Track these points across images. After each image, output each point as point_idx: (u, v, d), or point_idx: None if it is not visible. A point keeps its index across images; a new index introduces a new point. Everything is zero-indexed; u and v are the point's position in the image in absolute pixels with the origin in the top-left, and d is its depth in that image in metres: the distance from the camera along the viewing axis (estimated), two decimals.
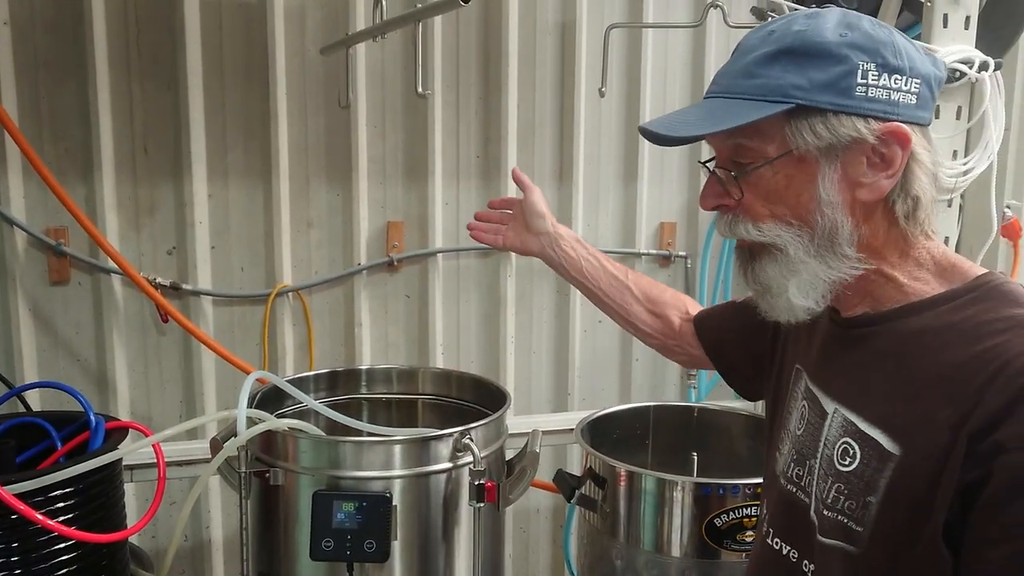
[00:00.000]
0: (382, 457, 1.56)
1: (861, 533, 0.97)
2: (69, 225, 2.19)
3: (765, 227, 0.99)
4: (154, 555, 1.91)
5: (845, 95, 0.93)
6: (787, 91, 0.94)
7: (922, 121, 0.98)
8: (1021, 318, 0.91)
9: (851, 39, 0.93)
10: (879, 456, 0.96)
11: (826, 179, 0.96)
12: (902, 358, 0.98)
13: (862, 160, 0.95)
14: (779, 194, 0.98)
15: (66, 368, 2.29)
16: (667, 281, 2.82)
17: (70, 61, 2.17)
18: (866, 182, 0.96)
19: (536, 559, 2.86)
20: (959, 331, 0.93)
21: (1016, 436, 0.85)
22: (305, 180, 2.44)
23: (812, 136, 0.94)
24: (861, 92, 0.93)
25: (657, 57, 2.70)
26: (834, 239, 0.97)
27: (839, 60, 0.93)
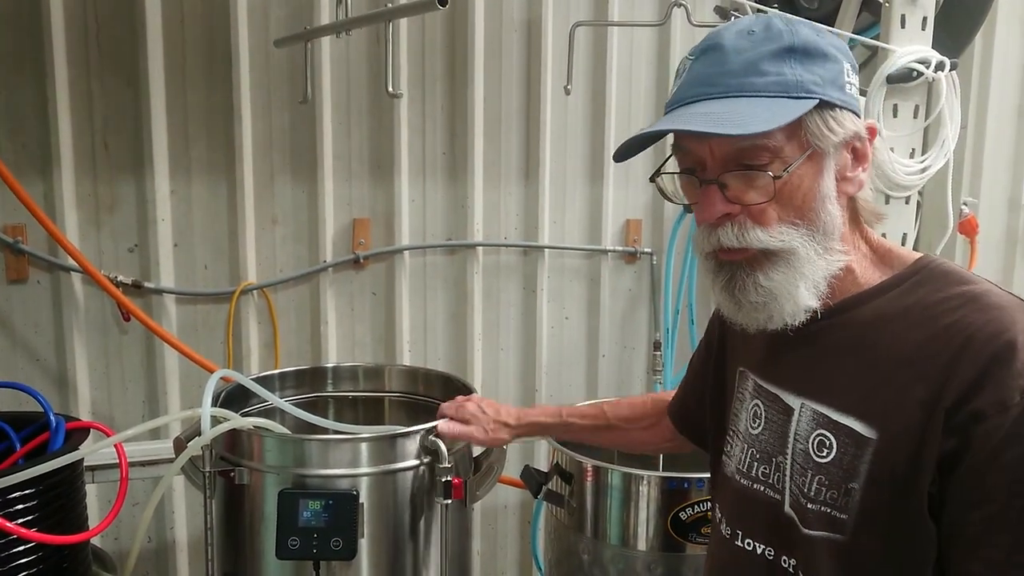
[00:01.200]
0: (348, 455, 1.55)
1: (846, 521, 0.99)
2: (27, 222, 2.15)
3: (777, 231, 0.97)
4: (117, 557, 1.89)
5: (844, 92, 0.97)
6: (809, 87, 0.94)
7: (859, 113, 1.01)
8: (969, 294, 0.96)
9: (829, 40, 0.97)
10: (856, 443, 0.99)
11: (828, 174, 0.98)
12: (863, 346, 1.01)
13: (848, 155, 0.99)
14: (792, 196, 0.97)
15: (25, 368, 2.25)
16: (633, 277, 2.85)
17: (27, 55, 2.13)
18: (851, 176, 0.99)
19: (504, 555, 2.87)
20: (914, 313, 0.98)
21: (993, 403, 0.89)
22: (269, 176, 2.41)
23: (829, 132, 0.95)
24: (850, 90, 0.97)
25: (622, 55, 2.72)
26: (830, 234, 0.99)
27: (833, 59, 0.96)
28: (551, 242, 2.72)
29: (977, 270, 2.66)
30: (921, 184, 2.05)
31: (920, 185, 2.05)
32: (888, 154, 1.95)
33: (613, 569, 1.80)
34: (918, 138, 2.02)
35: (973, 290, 0.97)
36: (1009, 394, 0.89)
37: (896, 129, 1.97)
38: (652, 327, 2.88)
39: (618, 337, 2.87)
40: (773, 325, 1.03)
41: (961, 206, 2.59)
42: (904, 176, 1.98)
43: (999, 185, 3.02)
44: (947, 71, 1.95)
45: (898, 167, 1.97)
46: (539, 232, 2.69)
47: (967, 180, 2.93)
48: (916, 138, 2.02)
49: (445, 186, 2.61)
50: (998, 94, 2.90)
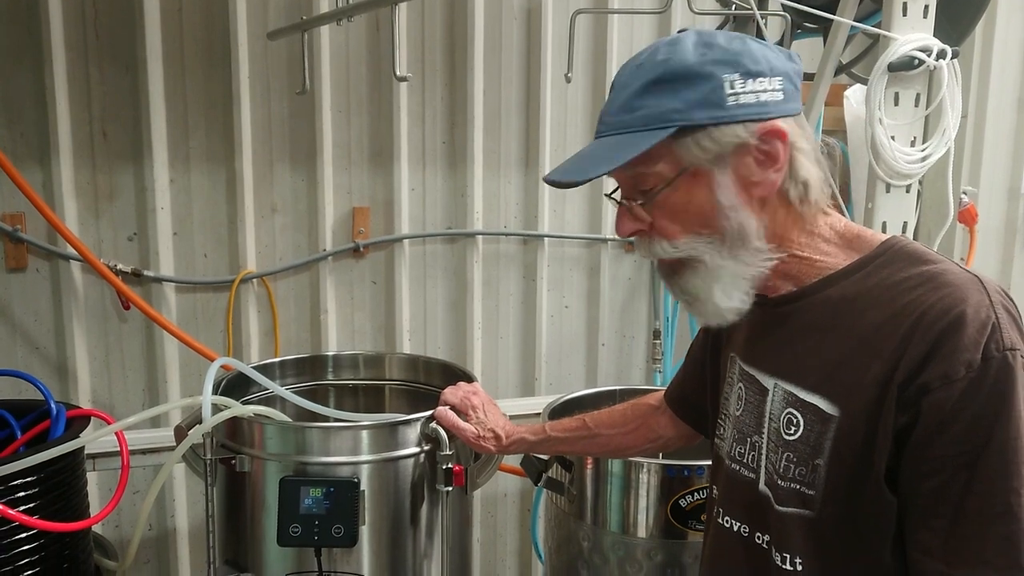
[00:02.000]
0: (349, 443, 1.55)
1: (814, 497, 1.04)
2: (26, 210, 2.15)
3: (680, 243, 1.05)
4: (118, 544, 1.90)
5: (719, 107, 1.00)
6: (667, 116, 1.00)
7: (793, 112, 1.04)
8: (928, 273, 1.00)
9: (711, 56, 1.00)
10: (821, 420, 1.03)
11: (722, 186, 1.03)
12: (827, 327, 1.05)
13: (750, 161, 1.02)
14: (684, 210, 1.04)
15: (25, 357, 2.25)
16: (633, 266, 2.85)
17: (25, 43, 2.12)
18: (758, 180, 1.03)
19: (504, 543, 2.88)
20: (875, 294, 1.01)
21: (938, 376, 0.93)
22: (269, 165, 2.41)
23: (699, 151, 1.01)
24: (732, 101, 1.00)
25: (623, 43, 2.70)
26: (744, 238, 1.04)
27: (706, 78, 1.00)
28: (551, 231, 2.72)
29: (976, 259, 2.68)
30: (922, 173, 2.04)
31: (921, 174, 2.04)
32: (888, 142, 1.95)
33: (613, 556, 1.80)
34: (919, 126, 2.02)
35: (931, 269, 1.00)
36: (955, 367, 0.92)
37: (897, 117, 1.96)
38: (652, 316, 2.88)
39: (618, 326, 2.88)
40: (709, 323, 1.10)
41: (961, 195, 2.59)
42: (905, 164, 1.97)
43: (999, 174, 3.02)
44: (948, 59, 1.94)
45: (899, 155, 1.97)
46: (539, 221, 2.69)
47: (967, 169, 2.93)
48: (917, 127, 2.01)
49: (445, 175, 2.60)
50: (998, 83, 2.90)
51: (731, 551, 1.17)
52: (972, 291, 0.96)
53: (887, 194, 2.00)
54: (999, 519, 0.92)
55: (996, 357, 0.92)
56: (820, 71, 2.12)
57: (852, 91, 2.63)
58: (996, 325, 0.94)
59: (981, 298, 0.96)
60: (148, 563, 2.45)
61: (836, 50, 2.08)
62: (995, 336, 0.93)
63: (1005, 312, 0.96)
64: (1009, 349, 0.93)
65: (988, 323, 0.94)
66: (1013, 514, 0.92)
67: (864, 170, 2.10)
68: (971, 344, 0.93)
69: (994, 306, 0.95)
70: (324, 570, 1.53)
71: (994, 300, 0.96)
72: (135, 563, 2.34)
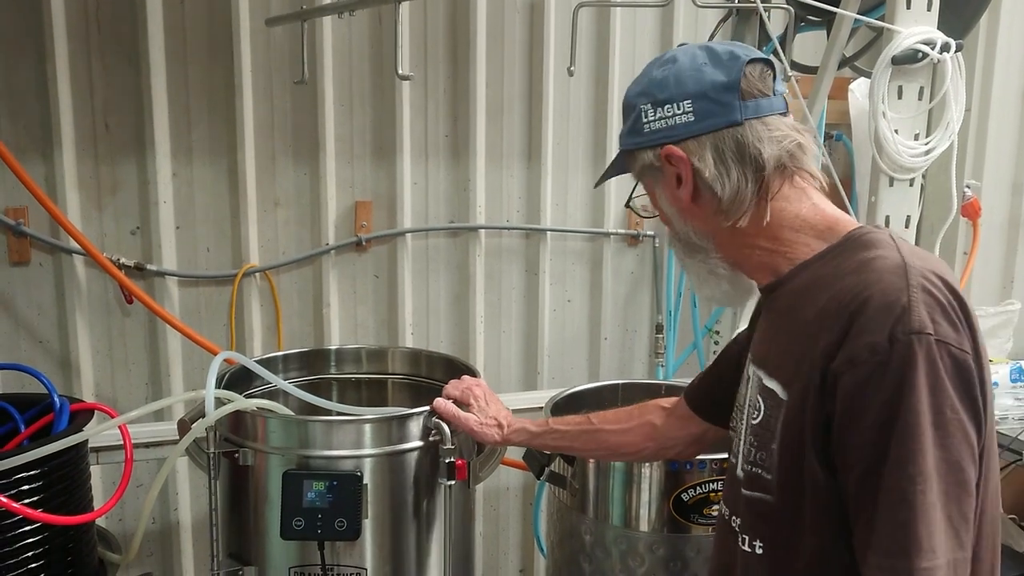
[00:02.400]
0: (352, 436, 1.55)
1: (771, 480, 1.07)
2: (29, 204, 2.15)
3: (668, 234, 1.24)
4: (122, 538, 1.90)
5: (639, 134, 1.16)
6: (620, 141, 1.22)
7: (710, 128, 1.10)
8: (863, 259, 1.02)
9: (639, 89, 1.16)
10: (776, 404, 1.06)
11: (661, 198, 1.18)
12: (789, 313, 1.10)
13: (673, 178, 1.14)
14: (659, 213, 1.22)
15: (28, 350, 2.25)
16: (635, 260, 2.85)
17: (27, 35, 2.12)
18: (679, 195, 1.14)
19: (506, 536, 2.89)
20: (823, 282, 1.05)
21: (845, 360, 0.95)
22: (271, 158, 2.41)
23: (634, 169, 1.20)
24: (647, 128, 1.14)
25: (625, 36, 2.70)
26: (690, 239, 1.18)
27: (633, 108, 1.16)
28: (553, 225, 2.71)
29: (980, 253, 2.67)
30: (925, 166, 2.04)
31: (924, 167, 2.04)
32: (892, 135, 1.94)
33: (615, 550, 1.80)
34: (922, 120, 2.01)
35: (869, 255, 1.03)
36: (859, 351, 0.94)
37: (900, 111, 1.96)
38: (654, 310, 2.88)
39: (620, 320, 2.88)
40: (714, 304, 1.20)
41: (964, 189, 2.58)
42: (908, 158, 1.97)
43: (1002, 168, 3.02)
44: (952, 53, 1.93)
45: (902, 149, 1.96)
46: (541, 215, 2.68)
47: (971, 163, 2.92)
48: (920, 120, 2.00)
49: (447, 168, 2.60)
50: (1002, 77, 2.89)
51: (720, 535, 1.23)
52: (888, 274, 0.98)
53: (890, 188, 1.99)
54: (897, 507, 0.92)
55: (901, 340, 0.92)
56: (823, 64, 2.11)
57: (857, 84, 2.63)
58: (906, 307, 0.94)
59: (895, 281, 0.96)
60: (152, 556, 2.46)
61: (839, 43, 2.08)
62: (903, 319, 0.93)
63: (926, 295, 0.95)
64: (916, 332, 0.92)
65: (897, 306, 0.94)
66: (907, 501, 0.92)
67: (868, 164, 2.09)
68: (875, 327, 0.94)
69: (910, 289, 0.95)
70: (327, 563, 1.53)
71: (912, 283, 0.96)
72: (139, 556, 2.34)
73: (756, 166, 1.09)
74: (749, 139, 1.08)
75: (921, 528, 0.91)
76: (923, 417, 0.91)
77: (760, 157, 1.08)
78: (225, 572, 1.61)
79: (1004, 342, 2.76)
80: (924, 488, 0.91)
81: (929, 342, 0.92)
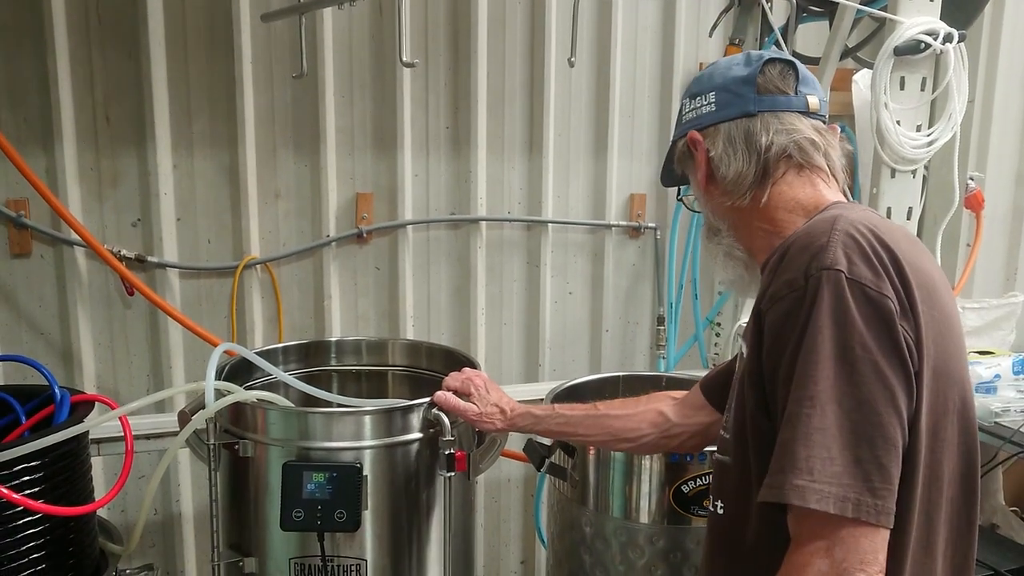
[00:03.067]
0: (352, 428, 1.56)
1: (728, 441, 1.12)
2: (30, 196, 2.15)
3: None
4: (124, 529, 1.90)
5: (678, 125, 1.31)
6: None
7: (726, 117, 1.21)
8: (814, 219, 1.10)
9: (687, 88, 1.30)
10: (740, 365, 1.12)
11: (692, 184, 1.29)
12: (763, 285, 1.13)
13: (694, 164, 1.26)
14: None
15: (30, 342, 2.26)
16: (637, 252, 2.85)
17: (27, 26, 2.11)
18: (698, 178, 1.25)
19: (507, 528, 2.89)
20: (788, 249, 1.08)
21: (769, 297, 1.03)
22: (272, 150, 2.41)
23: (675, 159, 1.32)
24: (683, 119, 1.30)
25: (627, 27, 2.69)
26: (709, 221, 1.28)
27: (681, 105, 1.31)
28: (555, 217, 2.71)
29: (982, 245, 2.66)
30: (927, 158, 2.03)
31: (926, 159, 2.03)
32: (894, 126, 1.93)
33: (615, 542, 1.81)
34: (925, 111, 2.01)
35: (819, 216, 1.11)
36: (779, 288, 1.01)
37: (903, 102, 1.95)
38: (656, 302, 2.88)
39: (622, 312, 2.87)
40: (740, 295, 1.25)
41: (967, 180, 2.57)
42: (910, 149, 1.97)
43: (1006, 159, 3.00)
44: (955, 43, 1.92)
45: (904, 140, 1.95)
46: (543, 207, 2.68)
47: (973, 154, 2.91)
48: (923, 111, 2.00)
49: (448, 160, 2.59)
50: (1006, 67, 2.87)
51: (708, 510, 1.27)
52: (820, 223, 1.05)
53: (892, 179, 1.99)
54: (784, 427, 0.95)
55: (814, 276, 0.98)
56: (826, 55, 2.11)
57: (861, 75, 2.61)
58: (823, 247, 0.99)
59: (822, 227, 1.03)
60: (153, 547, 2.46)
61: (842, 34, 2.07)
62: (818, 256, 0.99)
63: (846, 237, 1.00)
64: (827, 268, 0.97)
65: (815, 245, 1.00)
66: (791, 422, 0.94)
67: (870, 155, 2.09)
68: (794, 266, 1.00)
69: (834, 232, 1.00)
70: (327, 555, 1.54)
71: (838, 228, 1.01)
72: (140, 547, 2.35)
73: (759, 152, 1.17)
74: (758, 128, 1.18)
75: (800, 448, 0.93)
76: (823, 345, 0.94)
77: (761, 144, 1.17)
78: (225, 563, 1.62)
79: (1007, 334, 2.75)
80: (811, 412, 0.93)
81: (839, 277, 0.96)
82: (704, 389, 1.49)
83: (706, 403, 1.48)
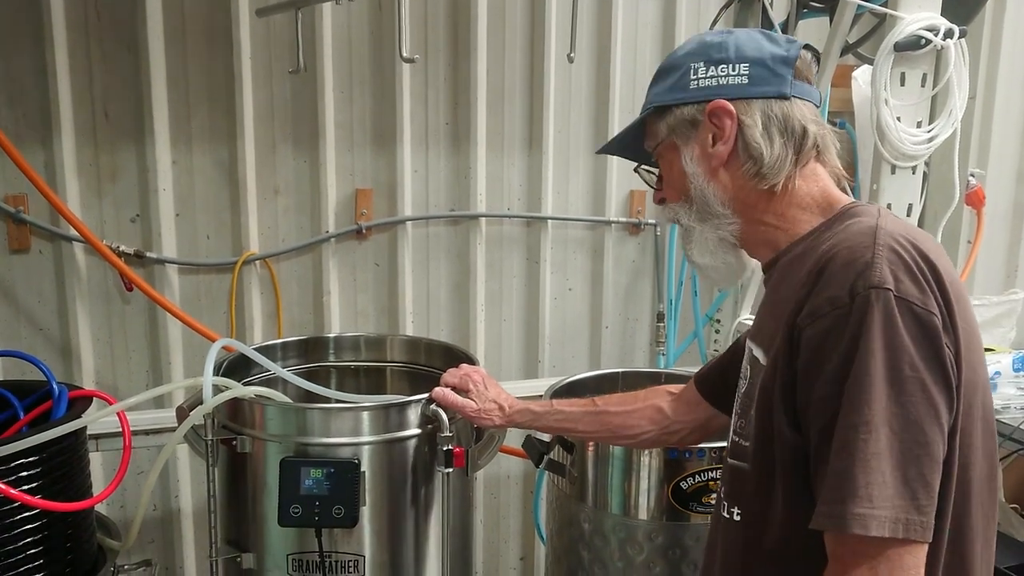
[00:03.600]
0: (350, 424, 1.55)
1: (747, 448, 1.09)
2: (28, 192, 2.15)
3: (672, 206, 1.24)
4: (122, 524, 1.90)
5: (683, 90, 1.19)
6: (651, 100, 1.23)
7: (760, 94, 1.14)
8: (847, 228, 1.06)
9: (688, 50, 1.20)
10: (756, 371, 1.09)
11: (688, 157, 1.19)
12: (778, 287, 1.12)
13: (706, 136, 1.16)
14: (669, 176, 1.24)
15: (28, 338, 2.26)
16: (637, 249, 2.84)
17: (26, 22, 2.11)
18: (712, 152, 1.16)
19: (506, 524, 2.89)
20: (811, 251, 1.06)
21: (808, 313, 0.98)
22: (271, 146, 2.40)
23: (666, 126, 1.20)
24: (694, 85, 1.18)
25: (627, 22, 2.68)
26: (707, 203, 1.18)
27: (679, 67, 1.20)
28: (554, 213, 2.70)
29: (983, 242, 2.65)
30: (928, 154, 2.03)
31: (927, 155, 2.03)
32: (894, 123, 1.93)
33: (614, 538, 1.80)
34: (925, 107, 2.00)
35: (849, 223, 1.07)
36: (821, 305, 0.97)
37: (903, 98, 1.94)
38: (655, 299, 2.87)
39: (621, 308, 2.87)
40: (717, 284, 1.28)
41: (968, 177, 2.57)
42: (910, 146, 1.96)
43: (1007, 156, 3.00)
44: (956, 39, 1.92)
45: (904, 136, 1.95)
46: (542, 203, 2.67)
47: (974, 151, 2.90)
48: (923, 107, 1.99)
49: (448, 156, 2.59)
50: (1008, 64, 2.87)
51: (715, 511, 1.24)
52: (859, 235, 1.01)
53: (892, 176, 1.99)
54: (838, 455, 0.93)
55: (860, 294, 0.94)
56: (826, 51, 2.10)
57: (860, 72, 2.60)
58: (868, 263, 0.96)
59: (863, 240, 0.99)
60: (152, 543, 2.47)
61: (842, 30, 2.06)
62: (864, 274, 0.95)
63: (891, 253, 0.97)
64: (875, 287, 0.94)
65: (860, 261, 0.96)
66: (848, 449, 0.92)
67: (870, 152, 2.08)
68: (837, 282, 0.96)
69: (876, 246, 0.97)
70: (325, 550, 1.53)
71: (880, 242, 0.98)
72: (139, 542, 2.35)
73: (796, 138, 1.13)
74: (795, 114, 1.13)
75: (859, 475, 0.91)
76: (875, 368, 0.92)
77: (798, 130, 1.13)
78: (223, 559, 1.62)
79: (1007, 331, 2.75)
80: (867, 438, 0.92)
81: (888, 297, 0.93)
82: (699, 385, 1.48)
83: (702, 399, 1.47)
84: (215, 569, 1.62)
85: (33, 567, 1.50)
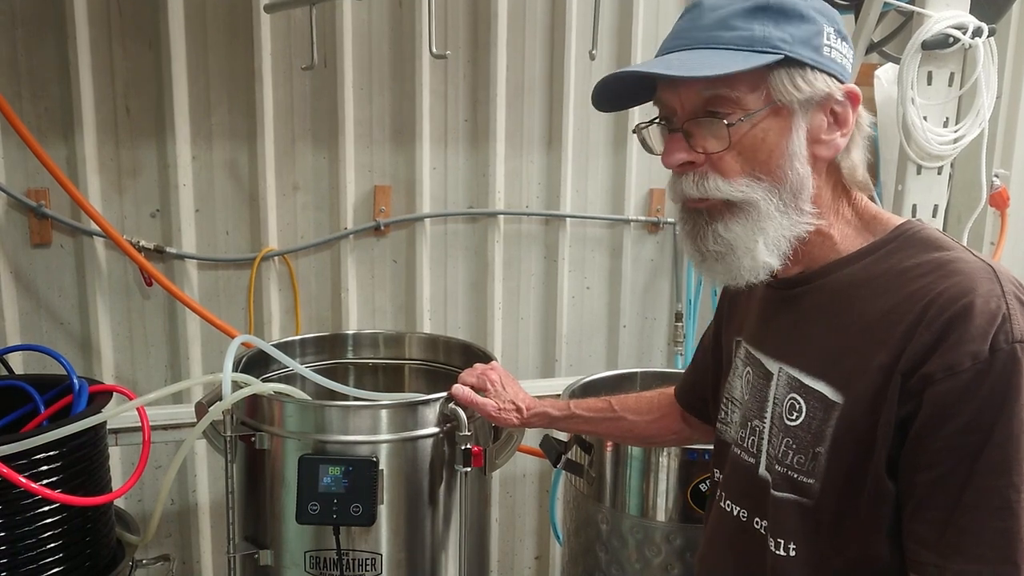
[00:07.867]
0: (368, 422, 1.55)
1: (812, 485, 1.02)
2: (50, 186, 2.16)
3: (738, 183, 0.99)
4: (140, 519, 1.91)
5: (818, 52, 0.98)
6: (774, 43, 0.96)
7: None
8: (939, 260, 0.97)
9: (813, 4, 0.99)
10: (824, 407, 1.01)
11: (797, 133, 0.99)
12: (835, 311, 1.03)
13: (823, 118, 1.00)
14: (755, 148, 0.99)
15: (49, 332, 2.27)
16: (655, 247, 2.82)
17: (49, 17, 2.12)
18: (826, 139, 1.00)
19: (522, 523, 2.88)
20: (885, 280, 0.99)
21: (942, 367, 0.91)
22: (291, 142, 2.40)
23: (794, 88, 0.97)
24: (827, 52, 0.98)
25: (648, 19, 2.66)
26: (799, 194, 1.00)
27: (810, 20, 0.97)
28: (573, 211, 2.69)
29: (1007, 244, 2.62)
30: (954, 155, 2.00)
31: (953, 156, 2.00)
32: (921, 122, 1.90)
33: (631, 539, 1.79)
34: (952, 107, 1.97)
35: (943, 256, 0.98)
36: (960, 359, 0.90)
37: (930, 97, 1.92)
38: (674, 298, 2.86)
39: (639, 307, 2.85)
40: (734, 281, 1.04)
41: (993, 178, 2.53)
42: (937, 146, 1.93)
43: None
44: (984, 38, 1.89)
45: (931, 136, 1.92)
46: (561, 201, 2.66)
47: (1000, 151, 2.86)
48: (950, 107, 1.96)
49: (467, 154, 2.58)
50: None
51: (730, 535, 1.17)
52: (983, 280, 0.93)
53: (918, 176, 1.96)
54: (996, 514, 0.90)
55: (1004, 349, 0.90)
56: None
57: (883, 70, 2.57)
58: (1007, 316, 0.91)
59: (992, 287, 0.93)
60: (170, 537, 2.48)
61: (868, 28, 2.03)
62: (1004, 327, 0.90)
63: (1018, 303, 0.92)
64: (1018, 341, 0.90)
65: (998, 314, 0.91)
66: (1011, 509, 0.90)
67: (894, 152, 2.05)
68: (978, 335, 0.90)
69: (1006, 296, 0.92)
70: (342, 548, 1.53)
71: (1006, 290, 0.93)
72: (157, 537, 2.36)
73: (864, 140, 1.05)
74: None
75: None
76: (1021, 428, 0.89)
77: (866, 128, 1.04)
78: (241, 555, 1.62)
79: None
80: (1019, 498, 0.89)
81: None
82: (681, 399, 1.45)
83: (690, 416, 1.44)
84: (232, 565, 1.62)
85: (52, 561, 1.51)
